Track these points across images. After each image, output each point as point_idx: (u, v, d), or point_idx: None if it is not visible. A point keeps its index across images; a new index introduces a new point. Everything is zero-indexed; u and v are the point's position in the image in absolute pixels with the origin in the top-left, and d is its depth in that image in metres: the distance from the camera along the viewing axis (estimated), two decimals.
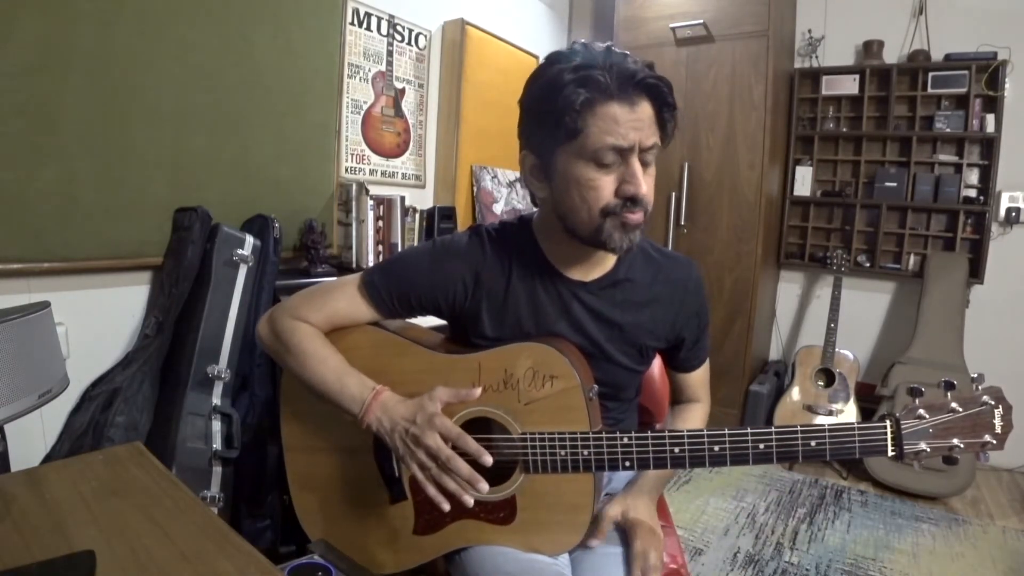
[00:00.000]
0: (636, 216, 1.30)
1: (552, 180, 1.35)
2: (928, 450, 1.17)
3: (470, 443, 1.30)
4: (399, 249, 3.17)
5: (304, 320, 1.48)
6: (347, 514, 1.52)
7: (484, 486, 1.30)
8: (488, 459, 1.29)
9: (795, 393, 4.20)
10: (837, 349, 4.15)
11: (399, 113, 3.57)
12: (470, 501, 1.31)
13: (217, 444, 2.29)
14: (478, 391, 1.35)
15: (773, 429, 1.22)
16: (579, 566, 1.43)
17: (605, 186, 1.27)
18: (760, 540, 3.22)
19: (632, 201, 1.28)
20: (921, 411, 1.18)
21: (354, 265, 3.02)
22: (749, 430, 1.23)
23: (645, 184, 1.28)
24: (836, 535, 3.30)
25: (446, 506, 1.32)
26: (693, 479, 3.92)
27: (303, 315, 1.49)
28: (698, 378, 1.72)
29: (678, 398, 1.77)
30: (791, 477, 3.99)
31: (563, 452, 1.32)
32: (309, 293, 1.53)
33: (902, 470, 3.76)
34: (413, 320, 1.60)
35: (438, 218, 3.48)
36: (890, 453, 1.19)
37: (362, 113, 3.35)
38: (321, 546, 1.44)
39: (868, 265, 4.56)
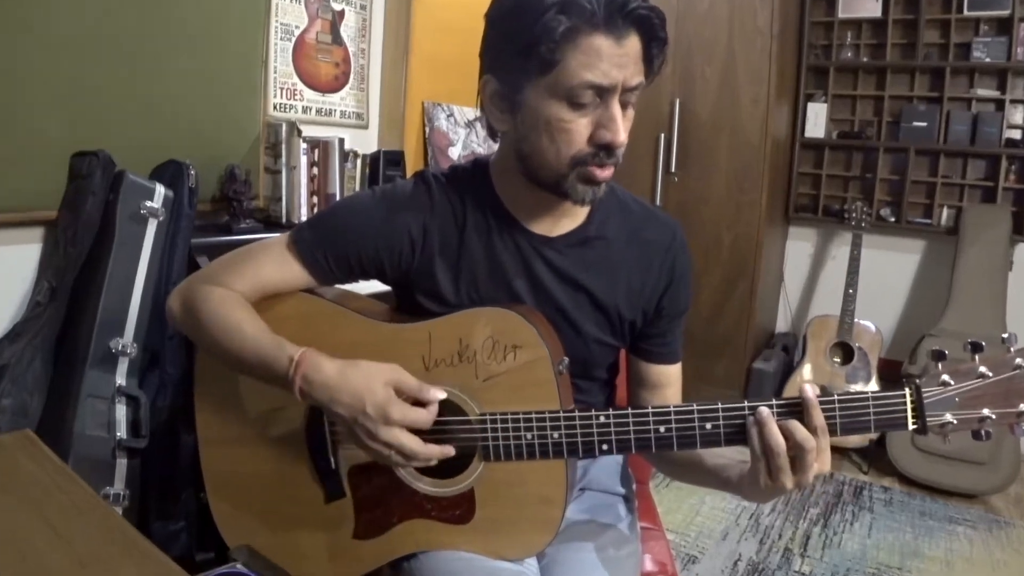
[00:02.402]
0: (605, 172, 1.33)
1: (517, 114, 1.35)
2: (955, 422, 1.19)
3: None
4: (336, 200, 3.15)
5: (223, 287, 1.47)
6: (274, 515, 1.53)
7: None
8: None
9: (807, 371, 4.25)
10: (856, 319, 4.20)
11: (337, 40, 3.53)
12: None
13: (122, 432, 2.29)
14: (441, 395, 1.33)
15: (774, 401, 1.23)
16: (551, 572, 1.45)
17: (578, 130, 1.28)
18: (765, 546, 3.27)
19: (606, 151, 1.30)
20: (945, 377, 1.20)
21: (284, 220, 3.01)
22: (746, 403, 1.24)
23: (624, 131, 1.29)
24: (855, 540, 3.35)
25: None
26: None
27: (223, 281, 1.47)
28: (676, 374, 1.67)
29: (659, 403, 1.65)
30: None
31: (529, 435, 1.33)
32: (229, 258, 1.51)
33: (933, 463, 3.81)
34: (353, 286, 1.60)
35: (383, 164, 3.46)
36: (911, 426, 1.21)
37: (293, 40, 3.32)
38: (244, 553, 1.45)
39: (893, 220, 4.61)
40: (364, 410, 1.27)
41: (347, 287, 1.59)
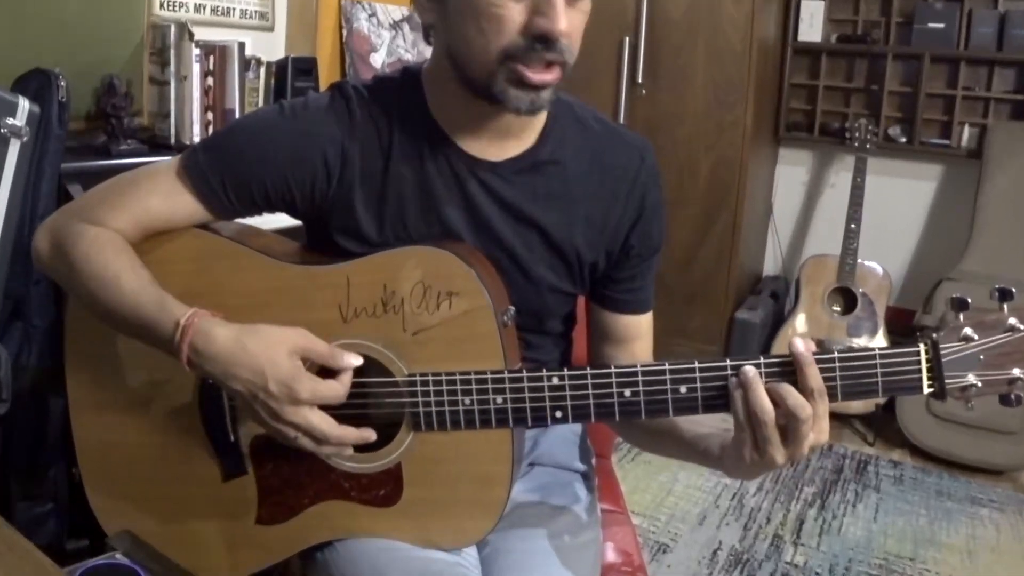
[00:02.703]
0: (542, 75, 1.29)
1: (445, 1, 1.33)
2: (979, 385, 1.19)
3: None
4: (236, 118, 3.13)
5: (100, 224, 1.44)
6: (161, 497, 1.52)
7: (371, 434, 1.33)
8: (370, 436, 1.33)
9: (800, 323, 4.29)
10: (860, 260, 4.23)
11: None
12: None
13: None
14: (356, 361, 1.33)
15: (762, 359, 1.23)
16: (493, 566, 1.47)
17: (510, 16, 1.25)
18: (750, 532, 3.32)
19: (545, 43, 1.26)
20: (967, 330, 1.20)
21: (172, 141, 3.01)
22: (728, 361, 1.24)
23: (566, 20, 1.25)
24: (859, 525, 3.41)
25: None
26: None
27: (99, 218, 1.44)
28: (647, 326, 1.69)
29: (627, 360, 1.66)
30: None
31: (467, 400, 1.33)
32: (107, 188, 1.49)
33: (952, 432, 3.84)
34: (256, 221, 1.58)
35: (292, 73, 3.46)
36: (927, 389, 1.21)
37: None
38: (125, 541, 1.44)
39: (904, 140, 4.65)
40: (266, 387, 1.26)
41: (249, 221, 1.57)
